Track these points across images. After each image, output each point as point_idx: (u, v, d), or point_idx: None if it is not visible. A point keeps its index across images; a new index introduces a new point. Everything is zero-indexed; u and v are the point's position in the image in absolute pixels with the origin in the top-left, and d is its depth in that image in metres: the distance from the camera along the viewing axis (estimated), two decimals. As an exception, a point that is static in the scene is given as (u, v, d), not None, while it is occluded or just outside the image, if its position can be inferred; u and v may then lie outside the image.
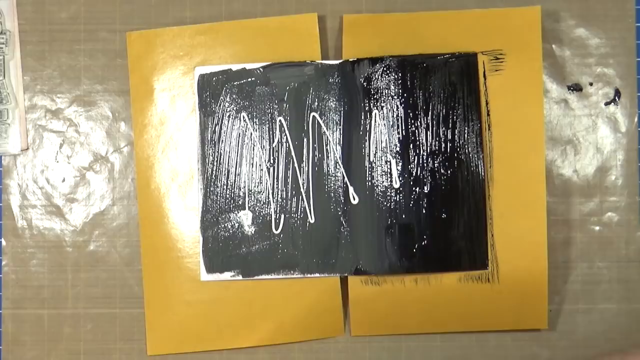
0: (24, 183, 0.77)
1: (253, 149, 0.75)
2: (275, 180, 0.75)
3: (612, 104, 0.76)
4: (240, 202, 0.75)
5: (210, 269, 0.75)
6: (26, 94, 0.77)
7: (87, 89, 0.77)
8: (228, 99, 0.75)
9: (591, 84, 0.76)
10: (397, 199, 0.74)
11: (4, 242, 0.77)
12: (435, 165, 0.74)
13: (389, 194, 0.74)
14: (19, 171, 0.77)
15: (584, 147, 0.76)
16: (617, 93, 0.76)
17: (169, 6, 0.77)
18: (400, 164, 0.74)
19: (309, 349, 0.76)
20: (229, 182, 0.75)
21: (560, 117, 0.76)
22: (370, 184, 0.74)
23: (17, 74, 0.77)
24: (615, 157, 0.76)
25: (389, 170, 0.74)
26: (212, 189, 0.75)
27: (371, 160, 0.74)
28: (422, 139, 0.74)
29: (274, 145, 0.75)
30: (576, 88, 0.76)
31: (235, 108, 0.75)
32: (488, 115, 0.74)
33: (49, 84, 0.77)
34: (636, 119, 0.76)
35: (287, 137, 0.75)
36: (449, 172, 0.74)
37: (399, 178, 0.74)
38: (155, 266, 0.75)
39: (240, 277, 0.75)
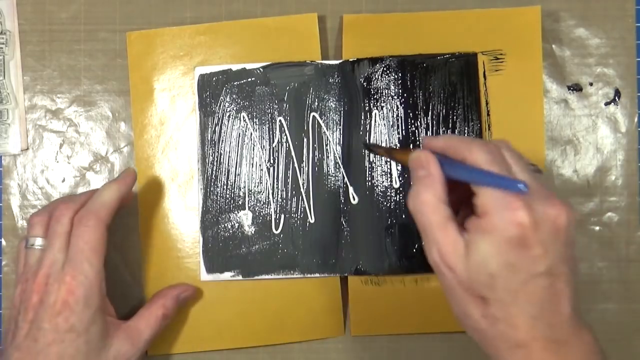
0: (24, 183, 0.77)
1: (253, 149, 0.75)
2: (275, 180, 0.75)
3: (612, 104, 0.76)
4: (240, 202, 0.75)
5: (210, 269, 0.75)
6: (26, 94, 0.77)
7: (87, 89, 0.77)
8: (228, 99, 0.75)
9: (591, 84, 0.76)
10: (397, 199, 0.74)
11: (4, 242, 0.77)
12: (435, 165, 0.74)
13: (389, 194, 0.74)
14: (19, 171, 0.77)
15: (584, 147, 0.76)
16: (617, 93, 0.76)
17: (169, 6, 0.77)
18: (400, 164, 0.74)
19: (309, 349, 0.76)
20: (229, 182, 0.75)
21: (560, 117, 0.76)
22: (370, 184, 0.74)
23: (17, 74, 0.77)
24: (615, 157, 0.76)
25: (389, 170, 0.74)
26: (212, 189, 0.75)
27: (371, 160, 0.74)
28: (422, 139, 0.74)
29: (274, 145, 0.75)
30: (576, 88, 0.76)
31: (235, 108, 0.75)
32: (488, 115, 0.74)
33: (49, 84, 0.77)
34: (636, 119, 0.76)
35: (287, 137, 0.75)
36: None
37: (399, 178, 0.74)
38: (155, 266, 0.75)
39: (240, 277, 0.75)
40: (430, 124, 0.74)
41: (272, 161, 0.75)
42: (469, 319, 0.56)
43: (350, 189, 0.74)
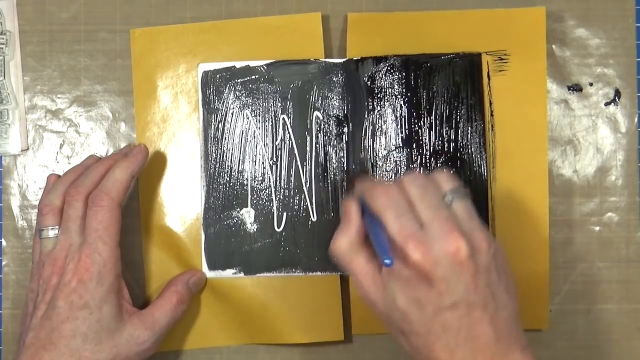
0: (24, 183, 0.77)
1: (256, 147, 0.75)
2: (278, 178, 0.75)
3: (612, 104, 0.76)
4: (242, 200, 0.75)
5: (212, 266, 0.75)
6: (26, 95, 0.77)
7: (87, 89, 0.77)
8: (231, 96, 0.75)
9: (591, 84, 0.76)
10: (399, 198, 0.74)
11: (4, 242, 0.77)
12: (438, 164, 0.74)
13: (391, 193, 0.74)
14: (19, 171, 0.77)
15: (584, 147, 0.76)
16: (617, 93, 0.76)
17: (169, 6, 0.77)
18: (403, 163, 0.74)
19: (309, 349, 0.76)
20: (231, 179, 0.75)
21: (561, 117, 0.76)
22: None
23: (17, 74, 0.77)
24: (615, 157, 0.76)
25: (392, 168, 0.74)
26: (214, 186, 0.75)
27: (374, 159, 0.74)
28: (425, 139, 0.74)
29: (276, 143, 0.75)
30: (576, 88, 0.76)
31: (238, 105, 0.75)
32: (492, 115, 0.74)
33: (49, 84, 0.77)
34: (636, 119, 0.76)
35: (290, 135, 0.75)
36: (451, 171, 0.74)
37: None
38: (156, 265, 0.75)
39: (242, 275, 0.75)
40: (433, 123, 0.74)
41: (274, 159, 0.75)
42: (402, 347, 0.61)
43: (353, 188, 0.74)
